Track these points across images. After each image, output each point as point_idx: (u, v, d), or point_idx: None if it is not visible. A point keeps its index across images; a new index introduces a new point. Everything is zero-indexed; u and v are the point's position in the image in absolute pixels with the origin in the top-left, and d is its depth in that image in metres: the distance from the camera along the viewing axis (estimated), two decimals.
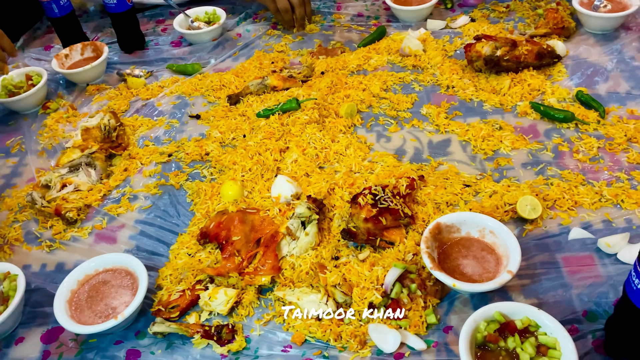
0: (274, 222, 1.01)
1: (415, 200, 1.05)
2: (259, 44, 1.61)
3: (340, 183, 1.09)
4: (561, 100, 1.23)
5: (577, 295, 0.87)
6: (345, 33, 1.61)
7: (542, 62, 1.31)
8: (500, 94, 1.28)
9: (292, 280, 0.94)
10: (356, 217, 0.98)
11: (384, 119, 1.27)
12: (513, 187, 1.05)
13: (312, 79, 1.40)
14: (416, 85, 1.36)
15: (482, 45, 1.30)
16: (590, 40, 1.41)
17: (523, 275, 0.91)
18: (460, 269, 0.90)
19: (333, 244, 0.99)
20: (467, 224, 0.94)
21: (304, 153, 1.18)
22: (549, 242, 0.96)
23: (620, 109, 1.19)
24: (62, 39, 1.62)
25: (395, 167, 1.13)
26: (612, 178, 1.04)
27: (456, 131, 1.21)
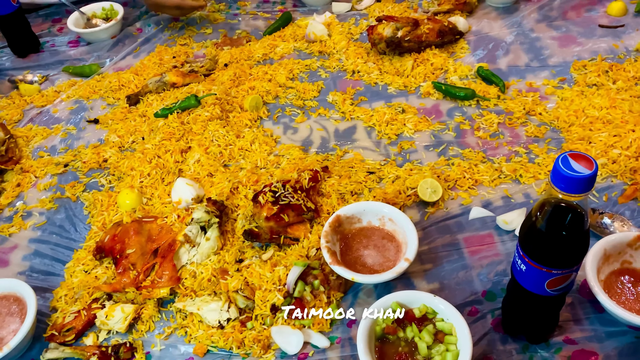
0: (172, 229, 0.96)
1: (319, 193, 1.03)
2: (161, 38, 1.53)
3: (244, 181, 1.06)
4: (463, 78, 1.23)
5: (477, 275, 0.87)
6: (251, 21, 1.56)
7: (444, 40, 1.31)
8: (404, 75, 1.27)
9: (194, 289, 0.91)
10: (257, 216, 0.95)
11: (290, 110, 1.24)
12: (415, 171, 1.04)
13: (215, 72, 1.35)
14: (322, 72, 1.33)
15: (383, 27, 1.28)
16: (492, 14, 1.41)
17: (425, 260, 0.91)
18: (362, 260, 0.88)
19: (237, 246, 0.96)
20: (367, 213, 0.92)
21: (207, 152, 1.13)
22: (451, 224, 0.96)
23: (520, 82, 1.21)
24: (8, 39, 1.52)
25: (301, 160, 1.10)
26: (512, 153, 1.05)
27: (361, 117, 1.19)
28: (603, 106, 1.06)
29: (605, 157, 0.98)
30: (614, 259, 0.81)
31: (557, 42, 1.29)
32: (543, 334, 0.77)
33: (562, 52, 1.26)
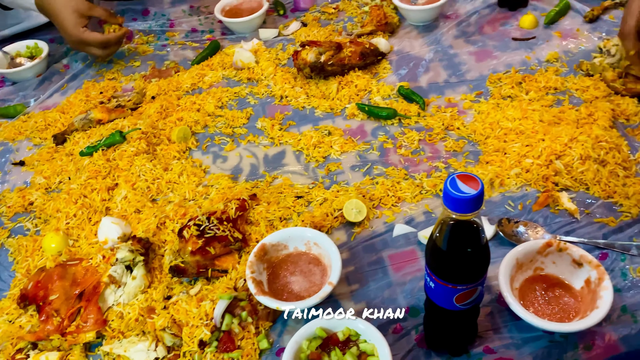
0: (97, 271, 0.95)
1: (248, 221, 1.03)
2: (88, 74, 1.52)
3: (171, 215, 1.05)
4: (386, 97, 1.27)
5: (401, 292, 0.89)
6: (180, 51, 1.56)
7: (367, 62, 1.34)
8: (329, 98, 1.29)
9: (122, 330, 0.89)
10: (183, 251, 0.95)
11: (219, 138, 1.25)
12: (342, 192, 1.06)
13: (143, 105, 1.34)
14: (251, 98, 1.34)
15: (306, 52, 1.31)
16: (413, 33, 1.46)
17: (352, 280, 0.92)
18: (289, 287, 0.89)
19: (165, 283, 0.95)
20: (292, 239, 0.93)
21: (134, 188, 1.12)
22: (376, 242, 0.98)
23: (439, 98, 1.25)
24: None
25: (229, 189, 1.10)
26: (432, 168, 1.09)
27: (290, 142, 1.20)
28: (516, 117, 1.11)
29: (519, 166, 1.03)
30: (526, 266, 0.85)
31: (474, 57, 1.34)
32: (463, 346, 0.80)
33: (478, 67, 1.31)
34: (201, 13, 1.69)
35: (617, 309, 0.82)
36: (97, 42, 1.43)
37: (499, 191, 1.02)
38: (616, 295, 0.83)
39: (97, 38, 1.43)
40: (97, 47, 1.45)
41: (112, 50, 1.50)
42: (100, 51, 1.47)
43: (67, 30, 1.41)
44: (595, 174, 0.99)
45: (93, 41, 1.43)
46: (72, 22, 1.40)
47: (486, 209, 0.99)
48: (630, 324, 0.80)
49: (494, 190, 1.02)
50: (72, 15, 1.40)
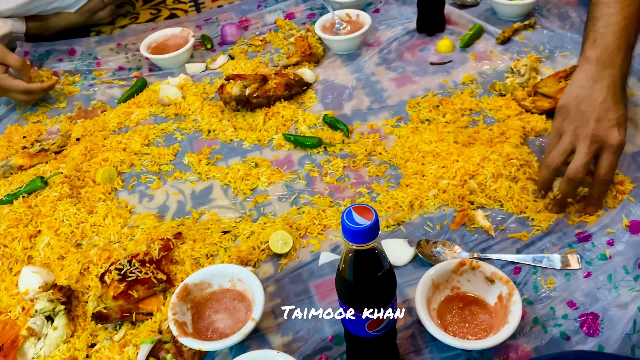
0: (16, 324, 0.92)
1: (173, 261, 1.02)
2: (12, 118, 1.48)
3: (95, 260, 1.03)
4: (312, 126, 1.29)
5: (327, 320, 0.90)
6: (107, 90, 1.55)
7: (292, 92, 1.37)
8: (257, 130, 1.31)
9: None
10: (105, 297, 0.93)
11: (146, 177, 1.24)
12: (269, 224, 1.07)
13: (67, 148, 1.32)
14: (178, 134, 1.34)
15: (231, 86, 1.32)
16: (337, 62, 1.50)
17: (279, 313, 0.93)
18: (214, 326, 0.89)
19: (89, 330, 0.93)
20: (216, 276, 0.93)
21: (57, 233, 1.10)
22: (302, 272, 0.99)
23: (362, 125, 1.28)
24: None
25: (155, 228, 1.09)
26: (356, 194, 1.11)
27: (217, 176, 1.21)
28: (432, 140, 1.15)
29: (436, 188, 1.06)
30: (443, 286, 0.88)
31: (395, 82, 1.39)
32: None
33: (399, 92, 1.35)
34: (128, 50, 1.69)
35: (530, 321, 0.85)
36: (17, 89, 1.42)
37: (418, 213, 1.05)
38: (529, 308, 0.87)
39: (18, 86, 1.41)
40: (19, 93, 1.43)
41: (36, 97, 1.48)
42: (23, 97, 1.45)
43: None
44: (508, 190, 1.03)
45: (14, 89, 1.41)
46: None
47: (406, 231, 1.02)
48: (542, 334, 0.83)
49: (414, 212, 1.05)
50: None
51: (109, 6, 1.82)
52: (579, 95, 0.95)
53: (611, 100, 0.93)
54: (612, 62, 0.94)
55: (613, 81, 0.94)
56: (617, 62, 0.94)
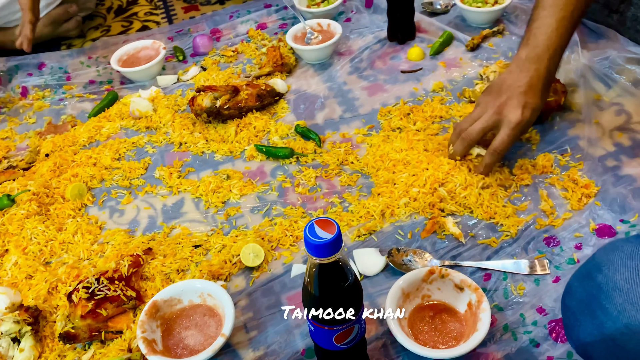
0: None
1: (143, 277, 1.01)
2: None
3: (63, 278, 1.02)
4: (284, 137, 1.29)
5: (299, 334, 0.90)
6: (77, 104, 1.53)
7: (264, 103, 1.36)
8: (228, 141, 1.30)
9: None
10: (73, 315, 0.91)
11: (116, 192, 1.22)
12: (240, 237, 1.07)
13: (36, 164, 1.30)
14: (149, 147, 1.33)
15: (202, 97, 1.31)
16: (310, 72, 1.50)
17: (251, 327, 0.92)
18: (184, 343, 0.88)
19: (57, 351, 0.92)
20: (186, 292, 0.92)
21: (25, 252, 1.08)
22: (274, 285, 0.98)
23: (334, 134, 1.28)
24: None
25: (125, 244, 1.08)
26: (328, 204, 1.11)
27: (189, 189, 1.20)
28: (403, 148, 1.16)
29: (407, 196, 1.07)
30: (414, 295, 0.88)
31: (366, 91, 1.39)
32: None
33: (371, 101, 1.36)
34: (99, 63, 1.67)
35: (500, 328, 0.85)
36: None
37: (389, 221, 1.05)
38: (499, 314, 0.87)
39: None
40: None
41: None
42: None
43: None
44: (477, 197, 1.04)
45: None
46: None
47: (378, 240, 1.02)
48: (511, 341, 0.84)
49: (385, 221, 1.05)
50: None
51: (75, 18, 1.81)
52: (503, 79, 1.04)
53: (528, 87, 1.01)
54: (539, 59, 1.01)
55: (537, 74, 1.01)
56: (544, 60, 1.01)
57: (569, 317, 0.70)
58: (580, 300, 0.67)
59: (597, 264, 0.66)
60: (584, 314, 0.66)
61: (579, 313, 0.67)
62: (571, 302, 0.70)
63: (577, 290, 0.69)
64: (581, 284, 0.68)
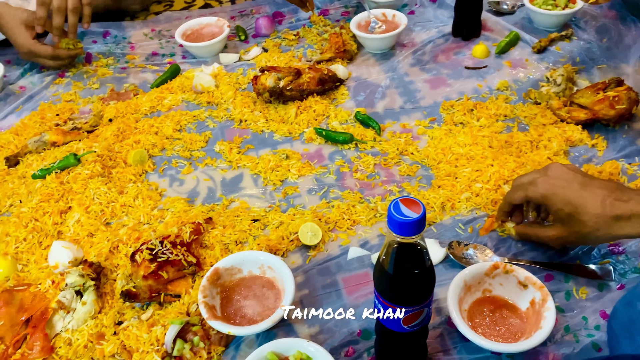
0: (45, 296, 0.93)
1: (202, 245, 1.03)
2: (45, 95, 1.50)
3: (124, 239, 1.04)
4: (343, 122, 1.29)
5: (354, 314, 0.90)
6: (139, 74, 1.56)
7: (325, 87, 1.37)
8: (288, 122, 1.31)
9: (69, 358, 0.87)
10: (135, 275, 0.93)
11: (177, 161, 1.24)
12: (298, 215, 1.07)
13: (99, 128, 1.33)
14: (210, 122, 1.35)
15: (266, 77, 1.32)
16: (371, 61, 1.50)
17: (307, 304, 0.93)
18: (242, 311, 0.89)
19: (116, 308, 0.94)
20: (246, 263, 0.93)
21: (88, 211, 1.11)
22: (331, 265, 0.99)
23: (394, 124, 1.28)
24: None
25: (185, 212, 1.10)
26: (386, 192, 1.11)
27: (248, 165, 1.21)
28: (467, 143, 1.15)
29: (469, 191, 1.06)
30: (475, 288, 0.87)
31: (428, 84, 1.38)
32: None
33: (433, 94, 1.35)
34: (162, 37, 1.70)
35: (561, 329, 0.84)
36: (45, 54, 1.50)
37: (450, 214, 1.04)
38: (560, 316, 0.86)
39: (46, 51, 1.50)
40: (47, 58, 1.51)
41: (64, 62, 1.55)
42: (50, 62, 1.53)
43: (17, 42, 1.49)
44: None
45: (43, 53, 1.50)
46: (20, 34, 1.47)
47: (437, 231, 1.02)
48: (573, 343, 0.82)
49: (445, 214, 1.04)
50: (20, 27, 1.47)
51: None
52: (592, 178, 0.87)
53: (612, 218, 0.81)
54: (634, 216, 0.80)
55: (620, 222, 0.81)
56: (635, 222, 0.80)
57: (612, 338, 0.78)
58: (623, 323, 0.76)
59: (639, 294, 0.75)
60: (625, 337, 0.74)
61: (621, 335, 0.75)
62: (615, 324, 0.78)
63: (621, 314, 0.78)
64: (625, 309, 0.77)
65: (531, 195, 0.88)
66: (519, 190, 0.90)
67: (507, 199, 0.93)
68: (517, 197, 0.91)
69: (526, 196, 0.89)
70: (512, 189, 0.93)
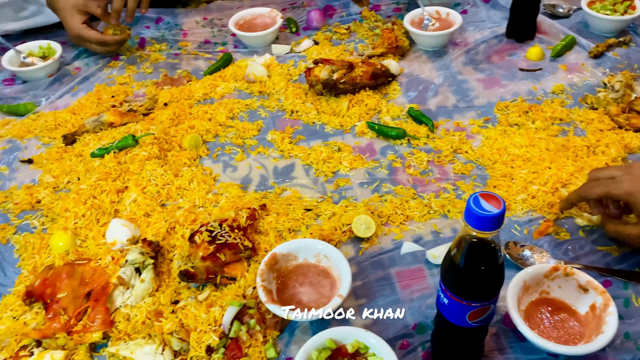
0: (105, 272, 0.95)
1: (257, 230, 1.04)
2: (100, 77, 1.53)
3: (181, 221, 1.06)
4: (395, 118, 1.29)
5: (408, 308, 0.90)
6: (192, 61, 1.58)
7: (378, 82, 1.37)
8: (340, 115, 1.31)
9: (128, 332, 0.89)
10: (193, 256, 0.95)
11: (230, 148, 1.26)
12: (350, 207, 1.08)
13: (155, 112, 1.36)
14: (262, 111, 1.36)
15: (319, 69, 1.33)
16: (423, 57, 1.50)
17: (360, 295, 0.93)
18: (298, 298, 0.90)
19: (173, 287, 0.96)
20: (302, 250, 0.94)
21: (144, 191, 1.13)
22: (384, 258, 0.99)
23: (448, 122, 1.28)
24: None
25: (239, 198, 1.11)
26: (440, 189, 1.11)
27: (299, 155, 1.22)
28: (523, 145, 1.14)
29: (525, 192, 1.05)
30: (533, 289, 0.87)
31: (482, 84, 1.38)
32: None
33: (486, 94, 1.34)
34: (214, 25, 1.72)
35: (620, 336, 0.83)
36: (94, 39, 1.52)
37: (505, 215, 1.03)
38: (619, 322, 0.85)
39: (94, 36, 1.52)
40: (95, 44, 1.54)
41: (110, 49, 1.57)
42: (98, 48, 1.55)
43: (68, 25, 1.52)
44: None
45: (90, 38, 1.52)
46: (71, 18, 1.50)
47: None
48: (633, 350, 0.82)
49: None
50: (72, 10, 1.50)
51: None
52: None
53: None
54: None
55: None
56: None
57: None
58: None
59: None
60: None
61: None
62: None
63: None
64: None
65: (614, 192, 0.87)
66: (599, 186, 0.89)
67: (582, 194, 0.92)
68: (596, 192, 0.90)
69: (607, 192, 0.88)
70: (589, 184, 0.92)
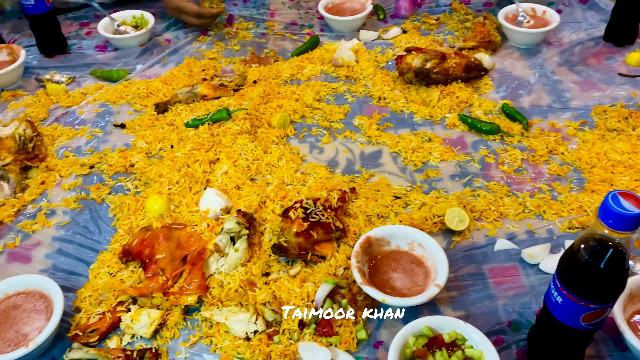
0: (201, 238, 0.97)
1: (346, 213, 1.04)
2: (189, 50, 1.56)
3: (271, 196, 1.07)
4: (488, 113, 1.27)
5: (502, 305, 0.89)
6: (278, 41, 1.59)
7: (470, 75, 1.34)
8: (430, 105, 1.30)
9: (221, 299, 0.91)
10: (287, 231, 0.96)
11: (316, 130, 1.26)
12: (441, 199, 1.07)
13: (244, 88, 1.37)
14: (349, 96, 1.36)
15: (412, 57, 1.32)
16: (515, 54, 1.46)
17: (451, 287, 0.92)
18: (390, 283, 0.90)
19: (264, 260, 0.97)
20: (396, 236, 0.94)
21: (235, 165, 1.14)
22: (476, 254, 0.97)
23: (542, 121, 1.24)
24: None
25: (327, 179, 1.12)
26: (535, 189, 1.08)
27: (387, 142, 1.21)
28: (625, 151, 1.10)
29: None
30: (638, 299, 0.84)
31: (578, 86, 1.33)
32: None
33: (583, 96, 1.30)
34: (300, 7, 1.72)
35: None
36: (191, 11, 1.54)
37: None
38: None
39: (192, 8, 1.54)
40: (191, 16, 1.55)
41: (205, 21, 1.59)
42: (194, 20, 1.57)
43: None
44: None
45: (187, 10, 1.54)
46: None
47: None
48: None
49: None
50: None
51: None
52: None
53: None
54: None
55: None
56: None
57: None
58: None
59: None
60: None
61: None
62: None
63: None
64: None
65: None
66: None
67: None
68: None
69: None
70: None
